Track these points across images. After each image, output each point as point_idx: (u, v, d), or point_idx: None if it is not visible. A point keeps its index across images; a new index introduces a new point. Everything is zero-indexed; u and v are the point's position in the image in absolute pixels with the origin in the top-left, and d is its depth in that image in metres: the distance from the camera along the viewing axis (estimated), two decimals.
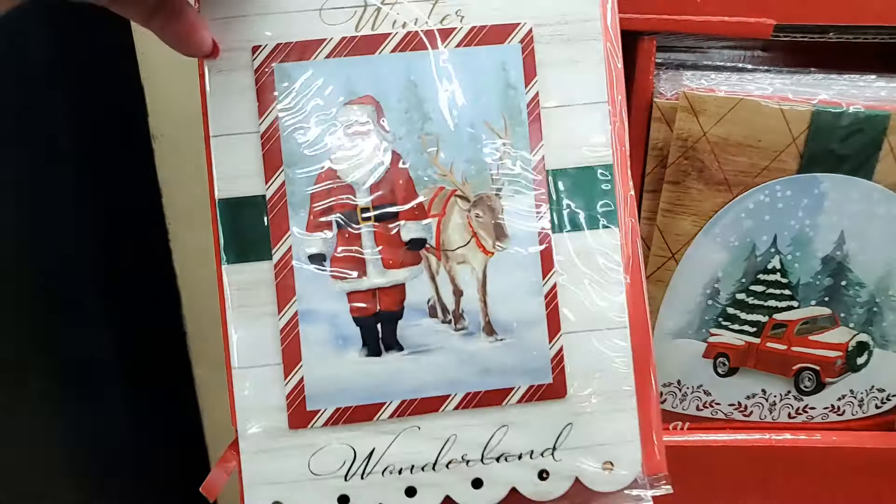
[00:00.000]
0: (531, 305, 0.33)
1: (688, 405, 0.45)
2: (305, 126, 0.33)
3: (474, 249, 0.34)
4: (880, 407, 0.45)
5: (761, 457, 0.44)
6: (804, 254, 0.41)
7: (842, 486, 0.45)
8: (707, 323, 0.43)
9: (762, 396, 0.45)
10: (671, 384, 0.44)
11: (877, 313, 0.43)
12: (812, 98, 0.38)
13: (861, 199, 0.40)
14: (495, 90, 0.33)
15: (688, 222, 0.41)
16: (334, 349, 0.34)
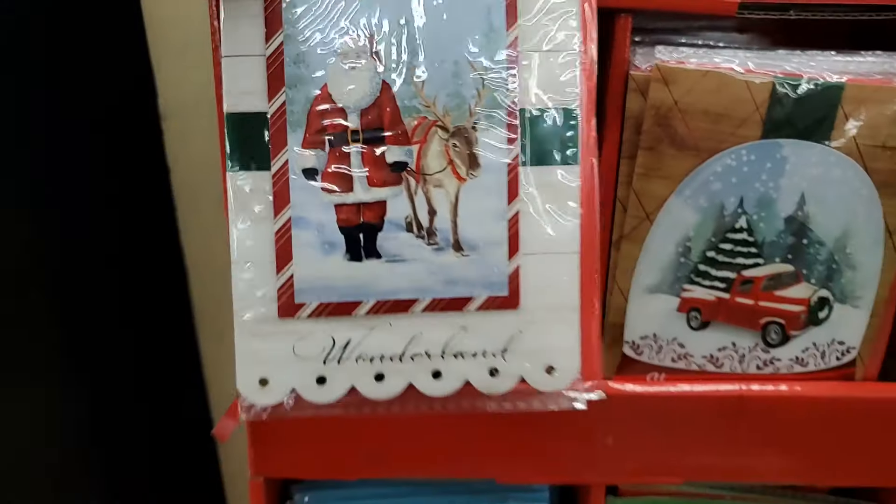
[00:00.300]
0: (495, 228, 0.38)
1: (663, 357, 0.48)
2: (306, 52, 0.37)
3: (449, 175, 0.38)
4: (840, 359, 0.48)
5: (731, 406, 0.48)
6: (768, 214, 0.44)
7: (805, 433, 0.48)
8: (680, 279, 0.46)
9: (732, 349, 0.48)
10: (648, 337, 0.47)
11: (836, 270, 0.46)
12: (773, 70, 0.42)
13: (819, 162, 0.43)
14: (479, 32, 0.37)
15: (661, 185, 0.44)
16: (321, 252, 0.38)
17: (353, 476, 0.49)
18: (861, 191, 0.44)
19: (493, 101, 0.37)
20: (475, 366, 0.40)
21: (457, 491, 0.52)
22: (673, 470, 0.49)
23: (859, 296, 0.46)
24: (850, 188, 0.44)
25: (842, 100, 0.42)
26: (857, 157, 0.43)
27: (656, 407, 0.47)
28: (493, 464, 0.49)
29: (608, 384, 0.47)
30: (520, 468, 0.49)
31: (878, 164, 0.43)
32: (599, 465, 0.49)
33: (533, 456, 0.49)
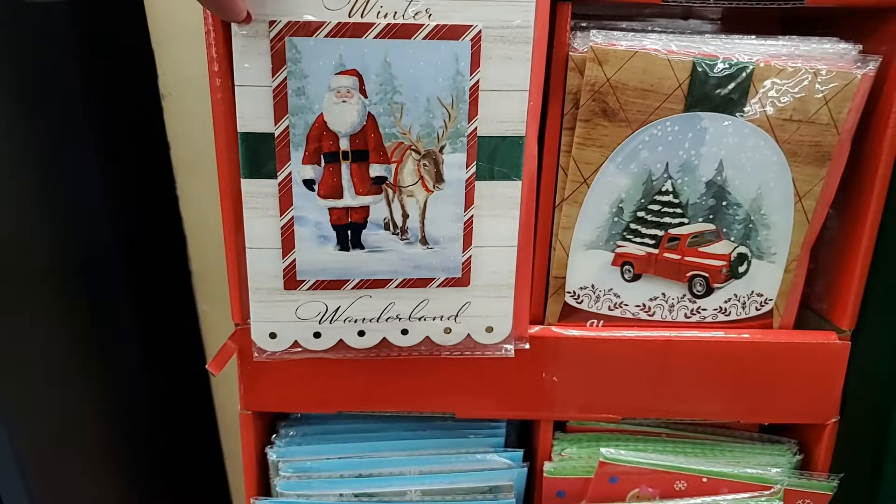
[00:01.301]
0: (454, 228, 0.48)
1: (601, 306, 0.54)
2: (306, 86, 0.44)
3: (420, 188, 0.47)
4: (759, 309, 0.54)
5: (660, 350, 0.54)
6: (691, 179, 0.50)
7: (726, 375, 0.54)
8: (614, 236, 0.52)
9: (662, 299, 0.54)
10: (587, 287, 0.53)
11: (752, 229, 0.52)
12: (693, 52, 0.48)
13: (734, 133, 0.49)
14: (448, 75, 0.44)
15: (597, 153, 0.50)
16: (317, 243, 0.48)
17: (331, 410, 0.56)
18: (772, 158, 0.50)
19: (457, 131, 0.46)
20: (434, 326, 0.51)
21: (423, 427, 0.59)
22: (611, 408, 0.56)
23: (774, 252, 0.53)
24: (762, 156, 0.50)
25: (753, 78, 0.47)
26: (768, 128, 0.49)
27: (594, 350, 0.54)
28: (453, 401, 0.56)
29: (551, 329, 0.54)
30: (476, 405, 0.56)
31: (786, 135, 0.49)
32: (547, 403, 0.55)
33: (488, 394, 0.55)
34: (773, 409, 0.56)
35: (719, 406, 0.56)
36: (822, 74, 0.47)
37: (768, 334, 0.54)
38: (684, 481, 0.54)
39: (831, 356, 0.54)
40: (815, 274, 0.57)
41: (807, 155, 0.50)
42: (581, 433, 0.58)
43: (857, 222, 0.52)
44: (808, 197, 0.51)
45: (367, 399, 0.56)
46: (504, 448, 0.59)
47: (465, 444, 0.58)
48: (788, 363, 0.54)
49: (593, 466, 0.55)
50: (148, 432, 0.76)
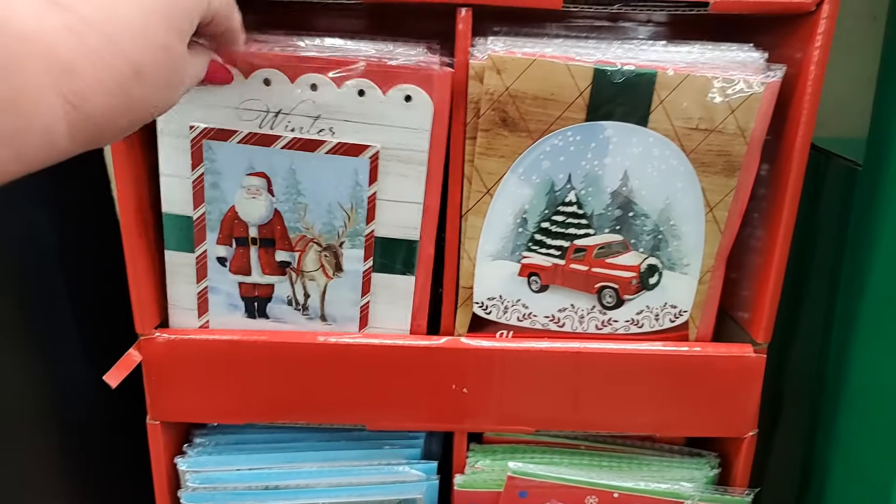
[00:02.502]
0: (351, 310, 0.53)
1: (510, 316, 0.53)
2: (220, 181, 0.49)
3: (321, 274, 0.52)
4: (674, 321, 0.53)
5: (572, 362, 0.53)
6: (595, 189, 0.49)
7: (638, 388, 0.53)
8: (519, 247, 0.51)
9: (572, 310, 0.53)
10: (494, 298, 0.52)
11: (662, 240, 0.50)
12: (595, 59, 0.46)
13: (639, 143, 0.47)
14: (348, 185, 0.49)
15: (498, 163, 0.48)
16: (228, 310, 0.53)
17: (240, 421, 0.55)
18: (679, 168, 0.48)
19: (356, 231, 0.50)
20: None
21: (338, 438, 0.58)
22: (524, 420, 0.55)
23: (687, 263, 0.51)
24: (669, 166, 0.48)
25: (655, 86, 0.46)
26: (674, 137, 0.47)
27: (502, 361, 0.53)
28: (364, 412, 0.55)
29: (460, 340, 0.53)
30: (387, 417, 0.55)
31: (693, 144, 0.48)
32: (457, 414, 0.54)
33: (398, 406, 0.54)
34: (688, 422, 0.55)
35: (634, 419, 0.55)
36: (728, 83, 0.46)
37: (682, 346, 0.53)
38: (595, 496, 0.53)
39: (746, 369, 0.53)
40: (737, 283, 0.56)
41: (716, 165, 0.48)
42: (497, 445, 0.57)
43: (770, 234, 0.51)
44: (720, 207, 0.50)
45: (276, 411, 0.55)
46: (421, 460, 0.58)
47: (379, 456, 0.57)
48: (703, 376, 0.53)
49: (504, 480, 0.54)
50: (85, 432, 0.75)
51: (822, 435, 0.58)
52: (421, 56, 0.47)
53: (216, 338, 0.53)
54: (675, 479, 0.54)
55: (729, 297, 0.56)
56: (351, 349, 0.52)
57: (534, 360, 0.53)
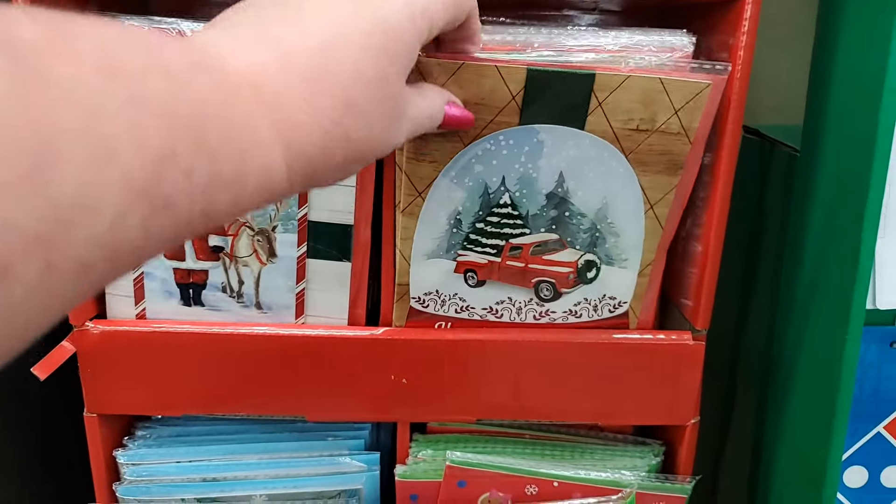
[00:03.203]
0: (286, 297, 0.52)
1: (447, 309, 0.52)
2: None
3: (254, 260, 0.52)
4: (613, 311, 0.53)
5: (511, 350, 0.53)
6: (530, 191, 0.48)
7: (578, 375, 0.53)
8: (454, 246, 0.50)
9: (510, 303, 0.52)
10: (431, 293, 0.51)
11: (599, 237, 0.50)
12: (527, 61, 0.43)
13: (575, 145, 0.46)
14: None
15: (429, 168, 0.47)
16: (164, 297, 0.53)
17: (177, 413, 0.55)
18: (618, 169, 0.47)
19: (288, 215, 0.50)
20: None
21: (280, 429, 0.58)
22: (465, 409, 0.54)
23: (625, 259, 0.51)
24: (606, 167, 0.47)
25: (594, 88, 0.44)
26: (613, 139, 0.46)
27: (440, 351, 0.52)
28: (303, 403, 0.54)
29: (399, 330, 0.53)
30: (327, 407, 0.54)
31: (632, 145, 0.46)
32: (397, 405, 0.54)
33: (337, 397, 0.54)
34: (630, 410, 0.55)
35: (575, 408, 0.54)
36: (672, 82, 0.44)
37: (621, 334, 0.53)
38: (535, 485, 0.53)
39: (686, 356, 0.53)
40: (680, 271, 0.56)
41: (657, 164, 0.47)
42: (441, 434, 0.57)
43: (706, 221, 0.51)
44: (661, 205, 0.49)
45: (214, 402, 0.54)
46: (366, 451, 0.57)
47: (321, 447, 0.57)
48: (642, 364, 0.53)
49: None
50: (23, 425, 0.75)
51: (770, 419, 0.58)
52: None
53: (152, 329, 0.52)
54: (617, 468, 0.54)
55: (673, 285, 0.56)
56: (288, 340, 0.52)
57: (473, 349, 0.52)
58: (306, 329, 0.52)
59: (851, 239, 0.46)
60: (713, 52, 0.50)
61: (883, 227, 0.49)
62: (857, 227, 0.45)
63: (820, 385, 0.50)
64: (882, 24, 0.42)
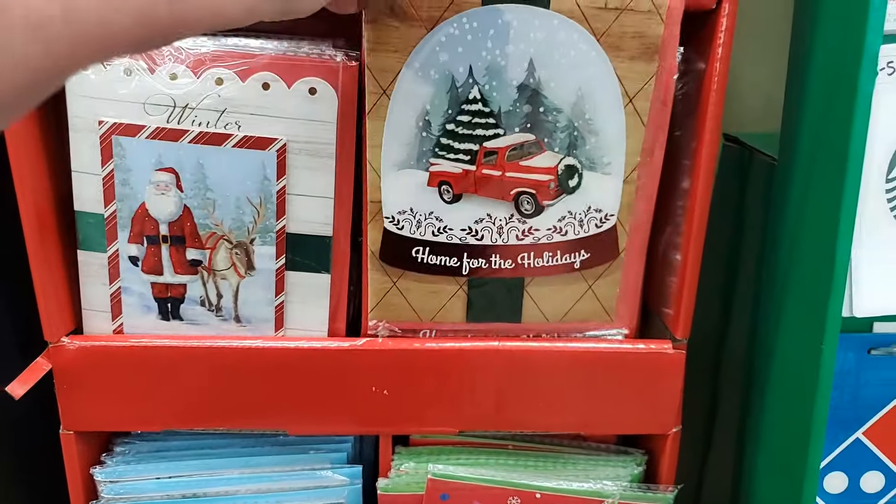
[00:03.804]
0: (265, 311, 0.52)
1: (424, 231, 0.49)
2: (130, 177, 0.49)
3: (232, 273, 0.51)
4: (600, 226, 0.50)
5: (493, 360, 0.52)
6: (499, 83, 0.45)
7: (561, 385, 0.53)
8: (425, 154, 0.47)
9: (489, 220, 0.49)
10: (405, 212, 0.49)
11: (578, 137, 0.47)
12: None
13: (542, 26, 0.43)
14: (256, 179, 0.49)
15: (392, 59, 0.44)
16: (142, 311, 0.52)
17: (157, 428, 0.54)
18: (590, 54, 0.44)
19: (266, 227, 0.50)
20: None
21: (262, 443, 0.57)
22: (447, 421, 0.54)
23: (608, 162, 0.48)
24: (578, 52, 0.44)
25: None
26: (581, 19, 0.44)
27: (420, 362, 0.52)
28: (284, 417, 0.54)
29: (377, 341, 0.52)
30: (308, 420, 0.54)
31: (603, 25, 0.44)
32: (378, 417, 0.54)
33: (318, 411, 0.53)
34: (612, 420, 0.55)
35: (557, 418, 0.54)
36: None
37: (602, 343, 0.53)
38: (517, 497, 0.53)
39: (666, 365, 0.53)
40: (661, 279, 0.56)
41: (631, 48, 0.45)
42: (423, 447, 0.57)
43: (686, 230, 0.51)
44: (640, 97, 0.46)
45: (194, 417, 0.54)
46: (349, 464, 0.57)
47: (303, 461, 0.56)
48: (623, 373, 0.53)
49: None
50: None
51: (751, 427, 0.58)
52: (326, 51, 0.47)
53: (129, 344, 0.51)
54: (600, 478, 0.54)
55: (654, 295, 0.56)
56: (268, 353, 0.51)
57: (454, 360, 0.52)
58: (286, 342, 0.52)
59: (827, 247, 0.46)
60: (694, 60, 0.50)
61: (859, 235, 0.50)
62: (832, 235, 0.45)
63: (798, 392, 0.50)
64: (853, 34, 0.42)
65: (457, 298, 0.52)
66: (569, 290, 0.52)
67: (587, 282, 0.52)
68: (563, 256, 0.51)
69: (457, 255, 0.50)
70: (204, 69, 0.46)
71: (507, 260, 0.50)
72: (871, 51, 0.41)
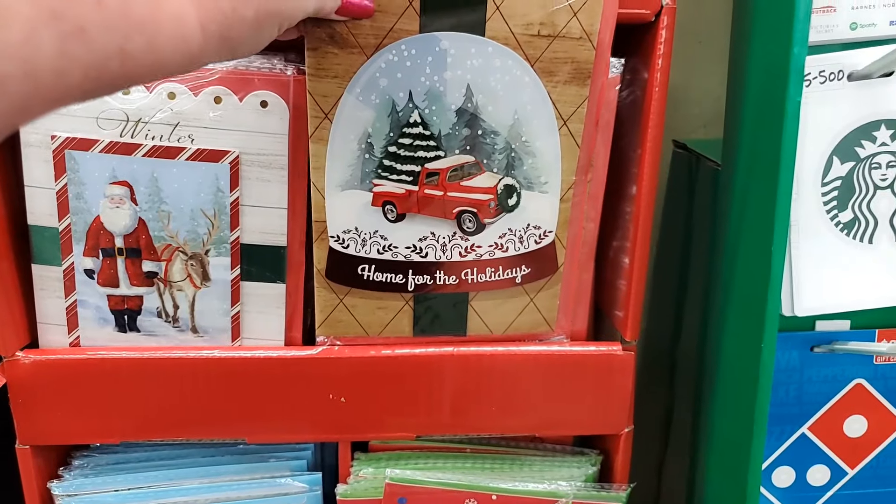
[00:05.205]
0: (222, 321, 0.53)
1: (369, 249, 0.50)
2: (84, 191, 0.49)
3: (188, 284, 0.52)
4: (539, 242, 0.52)
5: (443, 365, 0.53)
6: (439, 107, 0.46)
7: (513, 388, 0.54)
8: (368, 175, 0.48)
9: (433, 238, 0.50)
10: (350, 231, 0.50)
11: (515, 158, 0.48)
12: None
13: (479, 53, 0.45)
14: (210, 191, 0.49)
15: (333, 84, 0.45)
16: (99, 324, 0.52)
17: (115, 440, 0.54)
18: (524, 79, 0.46)
19: (221, 238, 0.50)
20: None
21: (222, 452, 0.57)
22: (404, 426, 0.55)
23: (545, 182, 0.50)
24: (512, 77, 0.46)
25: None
26: (515, 46, 0.45)
27: (375, 369, 0.53)
28: (242, 425, 0.54)
29: (333, 349, 0.53)
30: (267, 428, 0.54)
31: (536, 52, 0.46)
32: (336, 424, 0.54)
33: (276, 419, 0.54)
34: (565, 421, 0.56)
35: (512, 421, 0.55)
36: None
37: (553, 346, 0.54)
38: (474, 499, 0.54)
39: (617, 366, 0.54)
40: (611, 282, 0.57)
41: (564, 73, 0.46)
42: (382, 452, 0.57)
43: (632, 235, 0.53)
44: (574, 120, 0.48)
45: (152, 428, 0.54)
46: (309, 471, 0.57)
47: (263, 469, 0.56)
48: (575, 375, 0.54)
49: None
50: None
51: (701, 425, 0.60)
52: (277, 65, 0.48)
53: (86, 356, 0.52)
54: (555, 479, 0.55)
55: (606, 298, 0.58)
56: (224, 362, 0.52)
57: (409, 366, 0.53)
58: (243, 351, 0.52)
59: (764, 250, 0.48)
60: (638, 70, 0.52)
61: (797, 239, 0.52)
62: (768, 238, 0.47)
63: (742, 391, 0.52)
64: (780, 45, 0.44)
65: (403, 314, 0.53)
66: (511, 303, 0.53)
67: (528, 295, 0.53)
68: (505, 272, 0.52)
69: (402, 272, 0.51)
70: (156, 84, 0.47)
71: (451, 276, 0.52)
72: (797, 63, 0.43)
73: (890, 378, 0.56)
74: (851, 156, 0.52)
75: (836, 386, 0.57)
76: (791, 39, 0.42)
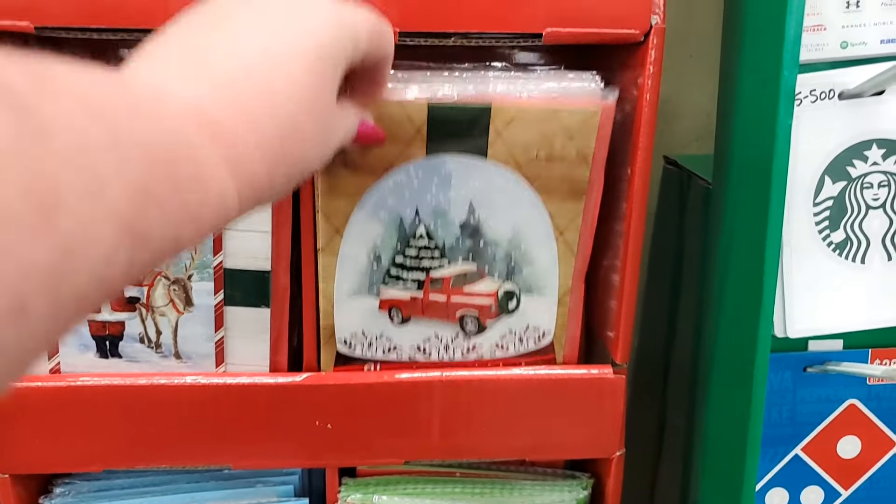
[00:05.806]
0: (205, 347, 0.52)
1: (375, 351, 0.52)
2: None
3: (171, 309, 0.51)
4: (538, 343, 0.53)
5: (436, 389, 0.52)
6: (444, 222, 0.49)
7: (504, 412, 0.53)
8: (376, 283, 0.50)
9: (437, 339, 0.52)
10: (357, 334, 0.52)
11: (515, 266, 0.51)
12: (428, 95, 0.45)
13: (481, 175, 0.48)
14: None
15: (344, 202, 0.48)
16: (80, 350, 0.51)
17: (97, 469, 0.53)
18: (523, 197, 0.49)
19: (203, 263, 0.50)
20: None
21: (207, 478, 0.56)
22: (392, 452, 0.54)
23: (543, 286, 0.52)
24: (513, 195, 0.49)
25: (491, 119, 0.46)
26: (516, 167, 0.48)
27: (363, 394, 0.52)
28: (227, 452, 0.53)
29: (321, 375, 0.52)
30: (252, 455, 0.53)
31: (535, 172, 0.48)
32: (323, 450, 0.53)
33: (261, 445, 0.53)
34: (557, 445, 0.55)
35: (502, 445, 0.54)
36: (563, 110, 0.46)
37: (543, 369, 0.53)
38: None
39: (608, 389, 0.53)
40: (603, 304, 0.56)
41: (561, 191, 0.49)
42: (370, 477, 0.56)
43: (622, 255, 0.52)
44: (569, 230, 0.50)
45: (135, 455, 0.53)
46: (296, 496, 0.56)
47: (249, 495, 0.55)
48: (566, 398, 0.53)
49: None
50: None
51: (694, 446, 0.59)
52: None
53: (67, 383, 0.50)
54: (546, 503, 0.54)
55: (598, 319, 0.57)
56: (208, 389, 0.51)
57: (396, 391, 0.52)
58: (227, 378, 0.51)
59: (755, 270, 0.47)
60: (626, 89, 0.52)
61: (789, 259, 0.51)
62: (760, 259, 0.46)
63: (735, 411, 0.51)
64: (771, 65, 0.44)
65: None
66: None
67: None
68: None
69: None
70: None
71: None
72: (787, 85, 0.42)
73: (884, 398, 0.56)
74: (843, 175, 0.51)
75: (830, 406, 0.56)
76: (781, 62, 0.42)
